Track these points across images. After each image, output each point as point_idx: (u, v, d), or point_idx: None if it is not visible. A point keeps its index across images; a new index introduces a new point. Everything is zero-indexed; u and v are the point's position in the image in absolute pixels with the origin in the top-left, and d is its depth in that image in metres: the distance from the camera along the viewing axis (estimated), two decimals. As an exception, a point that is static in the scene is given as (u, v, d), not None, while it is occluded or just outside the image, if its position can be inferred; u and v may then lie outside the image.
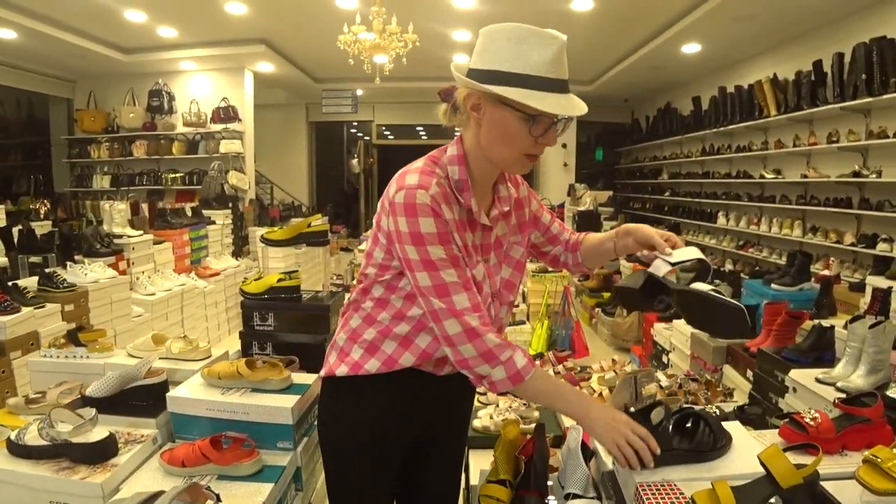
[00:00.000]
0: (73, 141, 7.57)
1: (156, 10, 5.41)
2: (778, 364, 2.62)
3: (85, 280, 3.39)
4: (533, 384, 1.09)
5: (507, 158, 1.10)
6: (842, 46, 4.76)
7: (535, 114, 1.02)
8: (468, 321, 1.06)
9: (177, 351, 1.68)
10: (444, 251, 1.06)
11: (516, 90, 1.00)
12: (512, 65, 1.01)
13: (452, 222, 1.08)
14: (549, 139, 1.06)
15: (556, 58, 1.01)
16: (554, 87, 1.01)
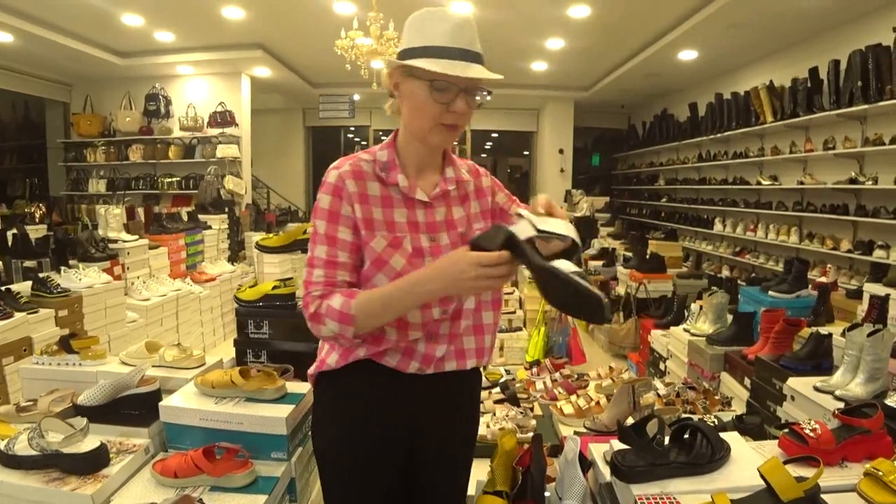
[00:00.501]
0: (69, 145, 7.54)
1: (153, 15, 5.40)
2: (776, 372, 2.61)
3: (79, 285, 3.36)
4: (366, 312, 1.06)
5: (423, 129, 1.14)
6: (837, 53, 4.78)
7: (433, 78, 1.07)
8: (308, 292, 1.11)
9: (170, 359, 1.66)
10: (326, 227, 1.12)
11: (417, 60, 1.09)
12: (416, 40, 1.11)
13: (366, 198, 1.13)
14: (458, 107, 1.09)
15: (454, 29, 1.09)
16: (452, 55, 1.08)
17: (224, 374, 1.46)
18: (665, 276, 5.02)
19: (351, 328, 1.06)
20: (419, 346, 1.17)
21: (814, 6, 4.69)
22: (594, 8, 5.20)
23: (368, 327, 1.08)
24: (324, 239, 1.13)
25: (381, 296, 1.07)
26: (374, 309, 1.06)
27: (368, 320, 1.06)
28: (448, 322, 1.19)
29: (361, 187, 1.14)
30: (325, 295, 1.09)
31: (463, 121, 1.14)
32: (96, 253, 3.93)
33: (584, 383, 2.75)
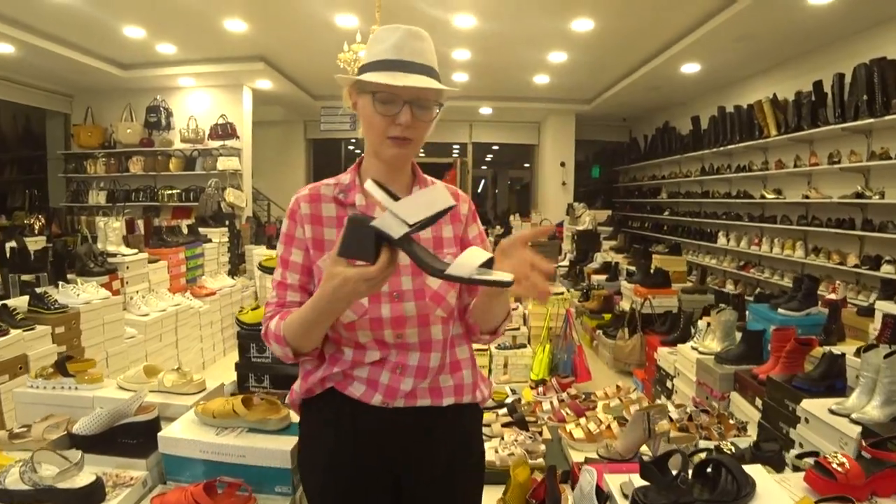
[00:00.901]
0: (69, 156, 7.51)
1: (155, 27, 5.39)
2: (788, 393, 2.55)
3: (77, 301, 3.31)
4: (292, 332, 1.06)
5: (374, 143, 1.14)
6: (842, 67, 4.76)
7: (376, 90, 1.07)
8: (264, 313, 1.14)
9: (169, 384, 1.60)
10: (283, 251, 1.16)
11: (363, 75, 1.10)
12: (367, 56, 1.13)
13: (319, 219, 1.14)
14: (402, 119, 1.08)
15: (398, 42, 1.08)
16: (395, 67, 1.07)
17: (225, 403, 1.40)
18: (670, 292, 4.97)
19: (287, 348, 1.07)
20: (382, 377, 1.13)
21: (817, 20, 4.67)
22: (598, 21, 5.19)
23: (306, 347, 1.09)
24: (279, 262, 1.17)
25: (299, 314, 1.06)
26: (297, 328, 1.06)
27: (298, 340, 1.07)
28: (417, 353, 1.14)
29: (315, 209, 1.15)
30: (272, 316, 1.12)
31: (412, 133, 1.11)
32: (95, 267, 3.87)
33: (591, 404, 2.68)
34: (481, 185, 17.78)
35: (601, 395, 2.99)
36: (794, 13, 4.54)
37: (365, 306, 1.10)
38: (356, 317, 1.10)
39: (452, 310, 1.18)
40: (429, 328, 1.15)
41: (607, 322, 5.34)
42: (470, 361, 1.23)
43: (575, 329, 4.18)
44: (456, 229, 1.22)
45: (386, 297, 1.12)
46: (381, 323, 1.11)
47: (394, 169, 1.18)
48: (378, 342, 1.13)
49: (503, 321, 1.21)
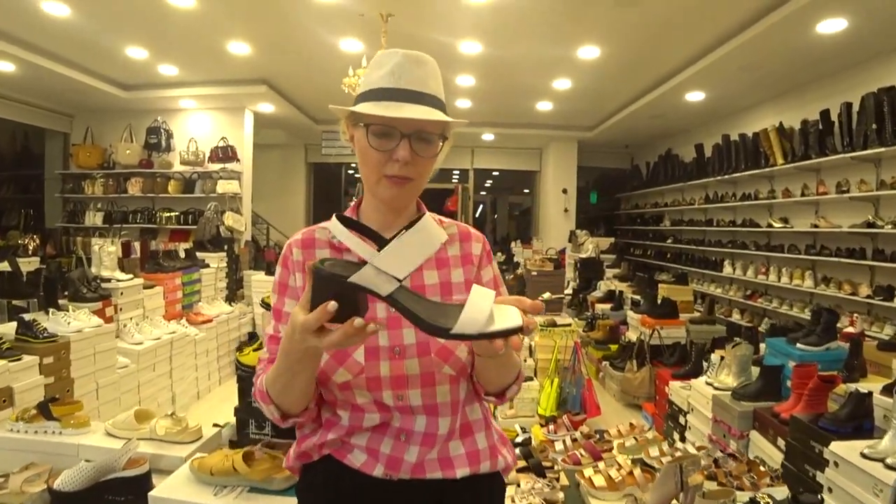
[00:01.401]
0: (67, 176, 7.42)
1: (158, 48, 5.34)
2: (814, 434, 2.43)
3: (67, 329, 3.17)
4: (271, 385, 0.93)
5: (370, 182, 1.01)
6: (848, 96, 4.73)
7: (370, 122, 0.96)
8: (258, 369, 1.02)
9: (162, 432, 1.47)
10: (276, 301, 1.04)
11: (358, 105, 0.98)
12: (363, 85, 1.01)
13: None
14: (399, 154, 0.95)
15: (396, 68, 0.96)
16: (391, 96, 0.95)
17: (224, 459, 1.27)
18: (678, 322, 4.85)
19: (271, 406, 0.95)
20: (383, 446, 0.99)
21: (823, 50, 4.65)
22: (604, 49, 5.17)
23: (291, 406, 0.95)
24: (272, 314, 1.04)
25: (274, 366, 0.92)
26: (273, 382, 0.93)
27: (280, 397, 0.94)
28: (423, 417, 0.99)
29: (309, 255, 1.03)
30: (262, 373, 0.99)
31: (412, 171, 0.97)
32: (88, 293, 3.74)
33: (607, 445, 2.55)
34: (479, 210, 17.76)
35: (615, 434, 2.86)
36: (801, 43, 4.52)
37: (361, 364, 0.96)
38: (351, 376, 0.96)
39: (463, 366, 1.02)
40: (435, 388, 0.99)
41: (614, 353, 5.21)
42: (483, 423, 1.07)
43: (584, 362, 4.05)
44: (467, 273, 1.07)
45: (385, 353, 0.98)
46: (380, 383, 0.97)
47: (393, 210, 1.05)
48: (378, 404, 0.99)
49: (513, 382, 1.04)
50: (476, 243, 1.11)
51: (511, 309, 0.77)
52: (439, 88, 1.00)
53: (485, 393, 1.05)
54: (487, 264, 1.11)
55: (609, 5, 4.20)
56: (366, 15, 4.40)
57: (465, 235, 1.11)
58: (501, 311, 0.76)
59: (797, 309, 5.42)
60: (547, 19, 4.50)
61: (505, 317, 0.75)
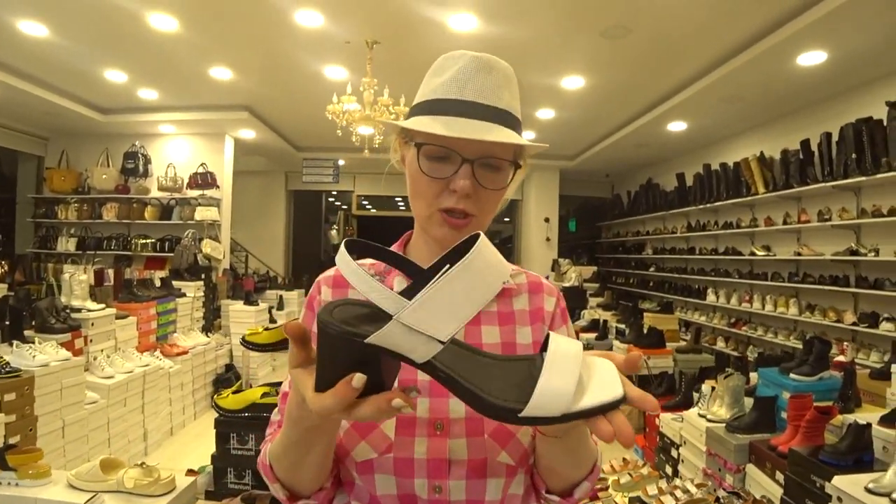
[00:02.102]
0: (39, 200, 7.21)
1: (138, 72, 5.25)
2: (815, 468, 2.37)
3: (32, 363, 2.98)
4: (276, 457, 0.73)
5: (422, 216, 0.81)
6: (828, 126, 4.82)
7: (424, 142, 0.77)
8: (266, 436, 0.81)
9: (131, 484, 1.33)
10: None
11: (410, 120, 0.79)
12: (420, 94, 0.82)
13: None
14: (458, 184, 0.76)
15: (457, 76, 0.78)
16: (449, 110, 0.76)
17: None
18: (665, 352, 4.81)
19: (275, 484, 0.73)
20: None
21: (803, 82, 4.75)
22: (588, 79, 5.21)
23: (298, 484, 0.73)
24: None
25: (280, 435, 0.72)
26: (281, 455, 0.72)
27: (284, 471, 0.73)
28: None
29: (340, 296, 0.82)
30: (269, 439, 0.80)
31: (474, 207, 0.78)
32: (57, 324, 3.56)
33: (602, 483, 2.45)
34: (461, 238, 17.72)
35: (608, 470, 2.77)
36: (781, 75, 4.60)
37: (390, 439, 0.75)
38: (376, 454, 0.75)
39: (526, 453, 0.77)
40: (485, 481, 0.75)
41: (601, 382, 5.12)
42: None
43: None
44: (536, 333, 0.85)
45: (423, 428, 0.76)
46: (413, 467, 0.74)
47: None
48: (403, 500, 0.75)
49: (586, 477, 0.77)
50: (549, 297, 0.89)
51: (604, 366, 0.55)
52: (515, 102, 0.81)
53: (546, 490, 0.78)
54: (562, 324, 0.89)
55: (595, 36, 4.23)
56: (352, 42, 4.37)
57: (535, 287, 0.89)
58: (592, 373, 0.54)
59: (782, 336, 5.42)
60: (534, 49, 4.52)
61: (599, 382, 0.52)
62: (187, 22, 4.12)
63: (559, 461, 0.74)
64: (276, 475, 0.73)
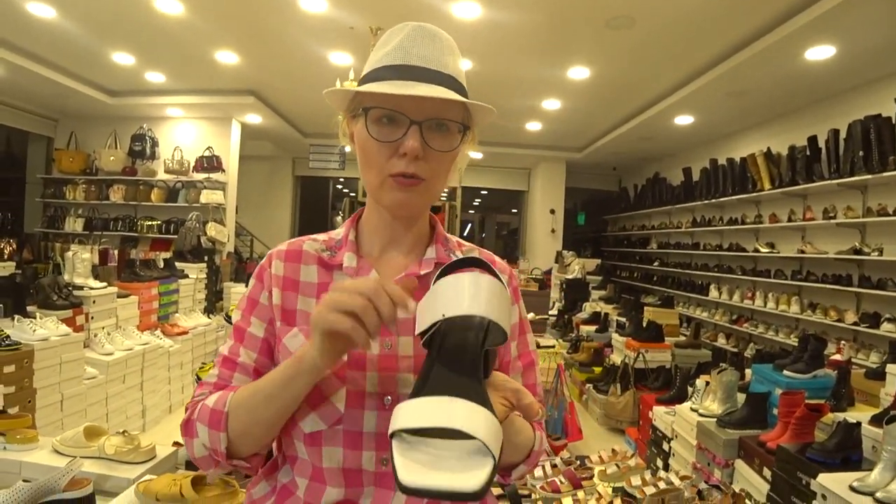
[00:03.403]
0: (48, 180, 7.29)
1: (145, 55, 5.28)
2: (802, 465, 2.37)
3: (32, 337, 3.04)
4: (242, 405, 0.74)
5: (373, 185, 0.82)
6: (836, 123, 4.76)
7: (371, 105, 0.77)
8: (192, 397, 0.82)
9: (112, 451, 1.37)
10: (240, 318, 0.84)
11: (359, 87, 0.80)
12: (366, 68, 0.83)
13: (293, 283, 0.83)
14: (407, 145, 0.76)
15: (402, 43, 0.79)
16: (395, 75, 0.77)
17: (172, 483, 1.17)
18: (663, 346, 4.80)
19: (221, 434, 0.74)
20: None
21: (811, 77, 4.69)
22: (594, 70, 5.17)
23: (246, 436, 0.74)
24: (233, 332, 0.85)
25: (263, 378, 0.75)
26: (252, 398, 0.73)
27: (240, 424, 0.74)
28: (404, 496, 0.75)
29: (291, 270, 0.84)
30: (201, 399, 0.80)
31: (424, 169, 0.78)
32: (58, 300, 3.62)
33: (588, 472, 2.46)
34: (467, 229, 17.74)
35: (596, 460, 2.78)
36: (789, 69, 4.54)
37: (339, 412, 0.75)
38: (325, 426, 0.76)
39: None
40: None
41: (598, 375, 5.14)
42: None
43: (566, 385, 3.97)
44: None
45: (373, 401, 0.77)
46: (361, 440, 0.76)
47: (402, 222, 0.86)
48: (348, 473, 0.76)
49: (523, 461, 0.82)
50: (500, 275, 0.90)
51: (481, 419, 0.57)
52: (459, 69, 0.81)
53: None
54: (514, 303, 0.89)
55: (600, 27, 4.20)
56: (356, 28, 4.37)
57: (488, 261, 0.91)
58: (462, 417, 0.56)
59: (783, 335, 5.40)
60: (538, 39, 4.50)
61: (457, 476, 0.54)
62: (193, 5, 4.13)
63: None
64: (228, 426, 0.75)
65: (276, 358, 0.82)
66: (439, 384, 0.59)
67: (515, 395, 0.67)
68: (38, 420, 2.86)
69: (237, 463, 0.78)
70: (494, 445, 0.55)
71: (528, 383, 0.89)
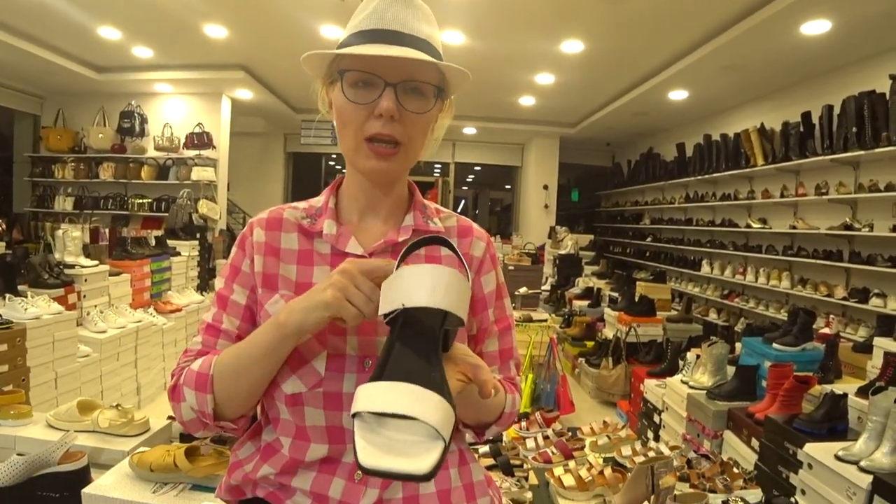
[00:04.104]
0: (36, 159, 7.18)
1: (132, 29, 5.17)
2: (789, 435, 2.41)
3: (24, 316, 3.03)
4: (227, 366, 0.77)
5: (350, 149, 0.84)
6: (830, 99, 4.74)
7: (346, 68, 0.80)
8: (177, 364, 0.85)
9: (105, 424, 1.37)
10: (222, 286, 0.87)
11: (332, 51, 0.82)
12: (342, 38, 0.85)
13: (275, 250, 0.85)
14: (383, 106, 0.78)
15: (377, 8, 0.81)
16: (369, 38, 0.79)
17: (166, 454, 1.18)
18: (655, 320, 4.85)
19: (208, 395, 0.77)
20: (332, 489, 0.79)
21: (806, 52, 4.66)
22: (587, 44, 5.12)
23: (231, 398, 0.77)
24: (215, 300, 0.87)
25: (245, 342, 0.78)
26: (236, 361, 0.76)
27: (227, 385, 0.77)
28: None
29: (272, 238, 0.86)
30: (186, 365, 0.83)
31: (400, 132, 0.80)
32: (50, 279, 3.60)
33: (579, 443, 2.50)
34: (461, 205, 17.70)
35: (587, 432, 2.82)
36: (784, 44, 4.51)
37: (320, 374, 0.78)
38: (306, 388, 0.78)
39: None
40: None
41: (590, 349, 5.19)
42: (458, 457, 0.88)
43: (559, 358, 4.01)
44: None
45: (352, 364, 0.79)
46: (341, 401, 0.78)
47: (380, 188, 0.88)
48: (331, 431, 0.79)
49: (494, 422, 0.86)
50: (478, 242, 0.92)
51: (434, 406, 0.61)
52: (434, 35, 0.83)
53: (462, 424, 0.86)
54: (491, 269, 0.92)
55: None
56: (346, 0, 4.29)
57: (464, 231, 0.92)
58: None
59: (773, 309, 5.45)
60: (530, 11, 4.43)
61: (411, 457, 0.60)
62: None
63: (471, 409, 0.81)
64: (214, 388, 0.77)
65: (258, 324, 0.84)
66: (398, 367, 0.65)
67: (473, 370, 0.70)
68: (32, 398, 2.87)
69: (224, 424, 0.81)
70: (445, 430, 0.60)
71: (504, 347, 0.93)
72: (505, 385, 0.88)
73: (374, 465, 0.58)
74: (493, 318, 0.92)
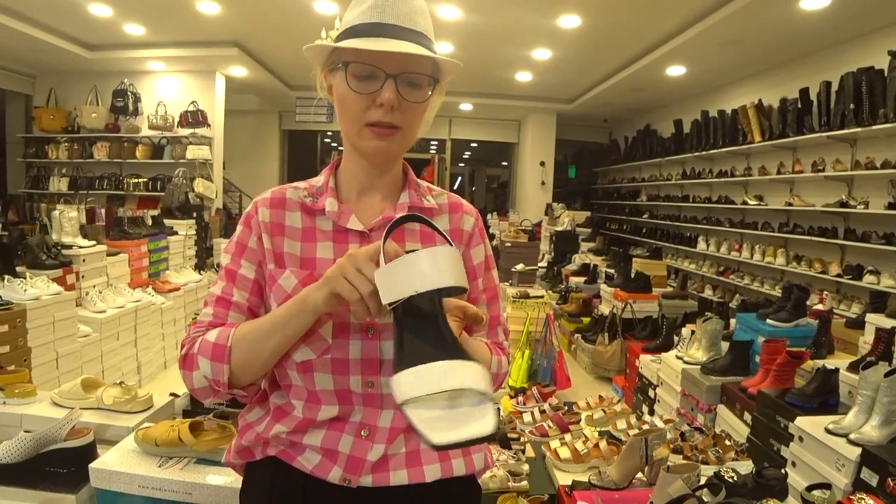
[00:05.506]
0: (29, 140, 7.13)
1: (122, 6, 5.09)
2: (781, 409, 2.46)
3: (24, 297, 3.04)
4: (245, 339, 0.83)
5: (350, 134, 0.91)
6: (828, 75, 4.72)
7: (350, 60, 0.86)
8: (188, 334, 0.90)
9: (110, 401, 1.40)
10: (229, 261, 0.93)
11: (340, 42, 0.88)
12: (341, 27, 0.91)
13: (280, 228, 0.92)
14: (384, 97, 0.85)
15: (376, 3, 0.86)
16: (371, 32, 0.85)
17: (170, 429, 1.21)
18: (651, 296, 4.88)
19: (225, 366, 0.83)
20: (342, 445, 0.85)
21: (805, 28, 4.63)
22: (585, 19, 5.07)
23: (247, 368, 0.84)
24: (223, 274, 0.93)
25: (266, 316, 0.85)
26: (255, 334, 0.83)
27: (244, 355, 0.83)
28: (391, 411, 0.86)
29: (277, 216, 0.92)
30: (199, 335, 0.88)
31: (399, 119, 0.87)
32: (48, 260, 3.60)
33: (575, 417, 2.54)
34: (457, 182, 17.66)
35: (583, 406, 2.86)
36: (783, 19, 4.47)
37: (327, 342, 0.85)
38: (314, 355, 0.85)
39: None
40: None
41: (586, 326, 5.23)
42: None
43: (555, 334, 4.05)
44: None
45: (357, 332, 0.86)
46: (348, 366, 0.85)
47: (378, 168, 0.94)
48: (340, 394, 0.86)
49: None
50: (468, 217, 1.00)
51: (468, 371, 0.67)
52: (429, 28, 0.89)
53: None
54: (479, 242, 1.00)
55: (591, -28, 4.10)
56: (341, -25, 4.24)
57: (454, 207, 1.00)
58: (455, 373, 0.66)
59: (768, 286, 5.50)
60: (528, -15, 4.39)
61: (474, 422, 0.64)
62: (170, -49, 3.98)
63: None
64: (231, 358, 0.83)
65: (266, 297, 0.91)
66: (419, 347, 0.69)
67: (461, 309, 0.78)
68: (34, 378, 2.89)
69: (235, 392, 0.87)
70: (488, 388, 0.65)
71: (492, 314, 1.01)
72: (493, 348, 0.96)
73: (445, 441, 0.61)
74: (482, 286, 1.00)
